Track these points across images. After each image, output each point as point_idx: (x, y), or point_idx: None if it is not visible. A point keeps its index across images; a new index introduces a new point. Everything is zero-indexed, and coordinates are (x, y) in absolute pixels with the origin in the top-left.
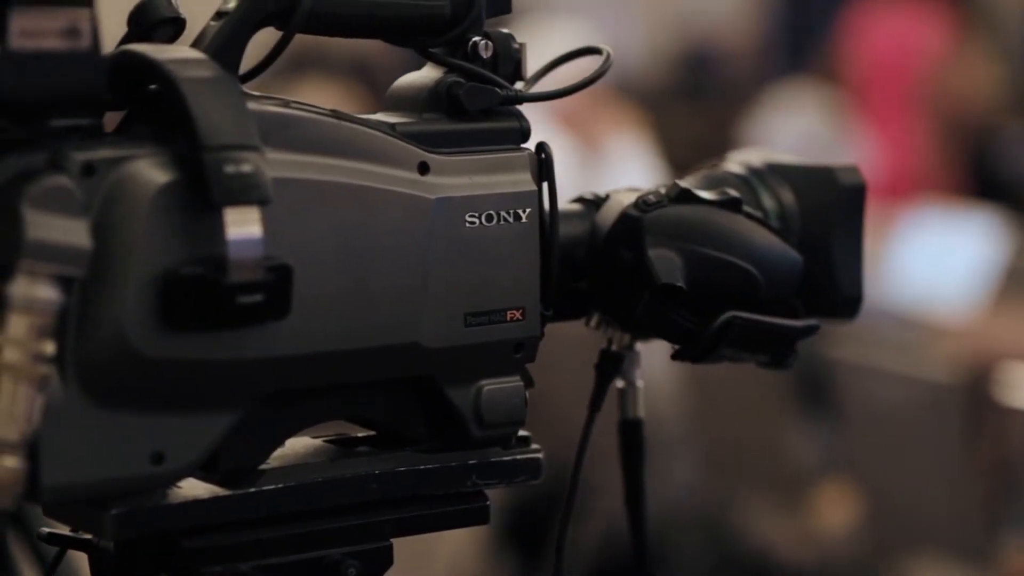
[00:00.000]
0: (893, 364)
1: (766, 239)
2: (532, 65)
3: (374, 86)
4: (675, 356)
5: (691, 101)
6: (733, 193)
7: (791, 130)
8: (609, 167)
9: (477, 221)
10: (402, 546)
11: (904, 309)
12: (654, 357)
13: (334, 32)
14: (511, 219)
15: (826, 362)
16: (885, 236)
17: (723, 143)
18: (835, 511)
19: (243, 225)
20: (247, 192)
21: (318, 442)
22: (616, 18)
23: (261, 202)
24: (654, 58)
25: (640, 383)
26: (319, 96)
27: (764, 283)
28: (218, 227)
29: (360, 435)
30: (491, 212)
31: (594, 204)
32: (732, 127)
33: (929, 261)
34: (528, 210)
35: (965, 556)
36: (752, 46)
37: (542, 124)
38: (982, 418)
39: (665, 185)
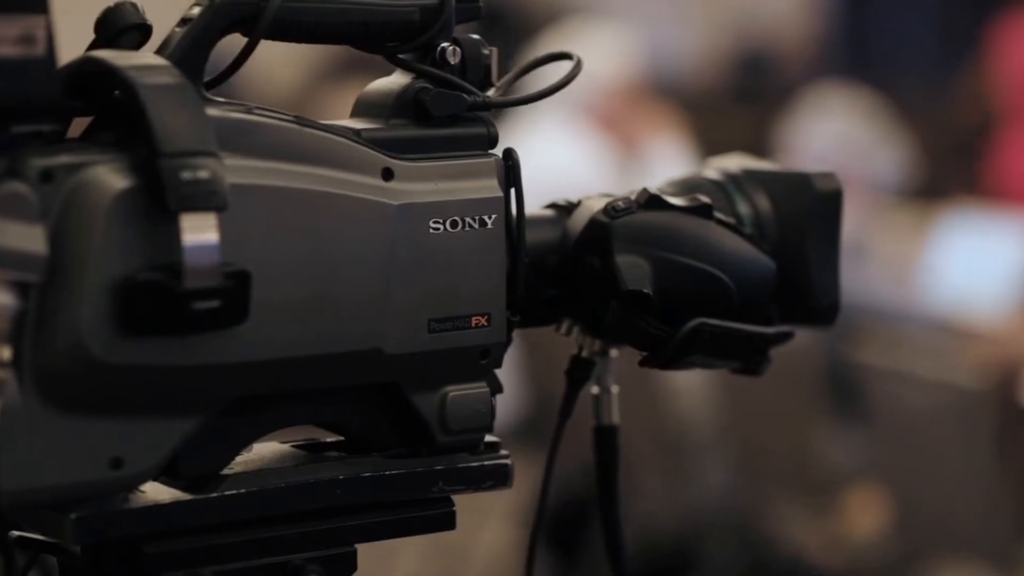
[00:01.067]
0: (924, 369)
1: (738, 245)
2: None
3: None
4: (643, 363)
5: (744, 103)
6: (704, 199)
7: (828, 133)
8: (647, 169)
9: (441, 227)
10: (441, 547)
11: (939, 314)
12: None
13: (301, 39)
14: (476, 225)
15: (857, 367)
16: (922, 240)
17: (773, 146)
18: (865, 516)
19: (199, 231)
20: (203, 198)
21: (286, 447)
22: (672, 19)
23: (218, 208)
24: (709, 59)
25: (615, 389)
26: None
27: (735, 289)
28: (175, 233)
29: (330, 440)
30: (456, 218)
31: (566, 210)
32: (777, 130)
33: (967, 265)
34: (494, 216)
35: (993, 561)
36: (809, 48)
37: (580, 126)
38: (1012, 424)
39: (635, 191)
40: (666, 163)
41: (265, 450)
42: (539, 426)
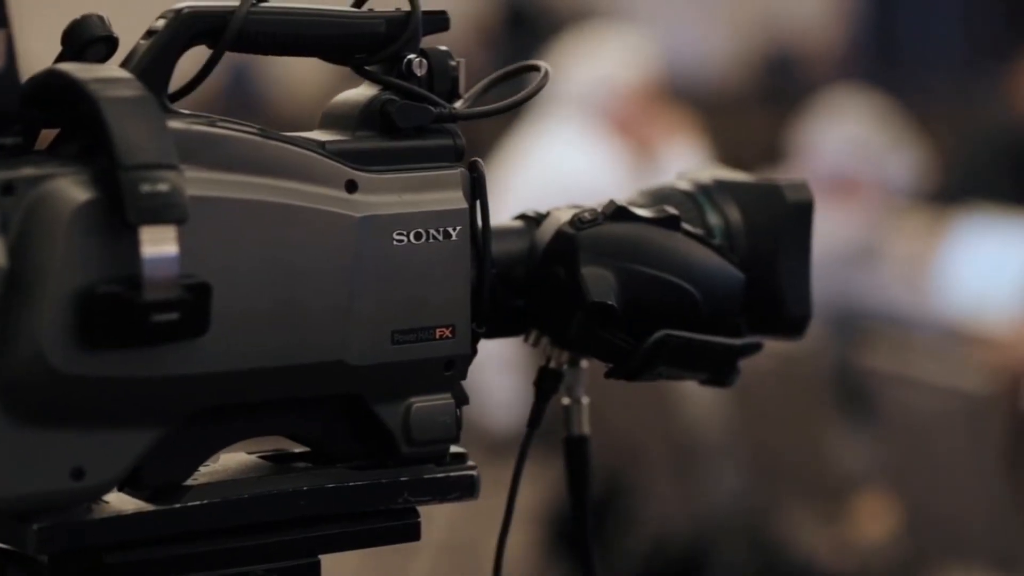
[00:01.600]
0: (932, 374)
1: (705, 257)
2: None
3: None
4: (608, 374)
5: (768, 105)
6: (671, 210)
7: (841, 136)
8: (662, 173)
9: (405, 239)
10: (456, 550)
11: (950, 318)
12: None
13: (267, 51)
14: (441, 237)
15: (867, 372)
16: (936, 244)
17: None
18: (875, 521)
19: (158, 244)
20: (163, 211)
21: (252, 458)
22: (698, 20)
23: (178, 221)
24: (734, 61)
25: (585, 400)
26: None
27: (702, 301)
28: (134, 246)
29: (297, 451)
30: (420, 230)
31: (535, 221)
32: (794, 132)
33: (981, 270)
34: (458, 228)
35: (1003, 567)
36: (835, 50)
37: (595, 129)
38: (1020, 429)
39: (602, 203)
40: (681, 167)
41: (231, 461)
42: (554, 429)
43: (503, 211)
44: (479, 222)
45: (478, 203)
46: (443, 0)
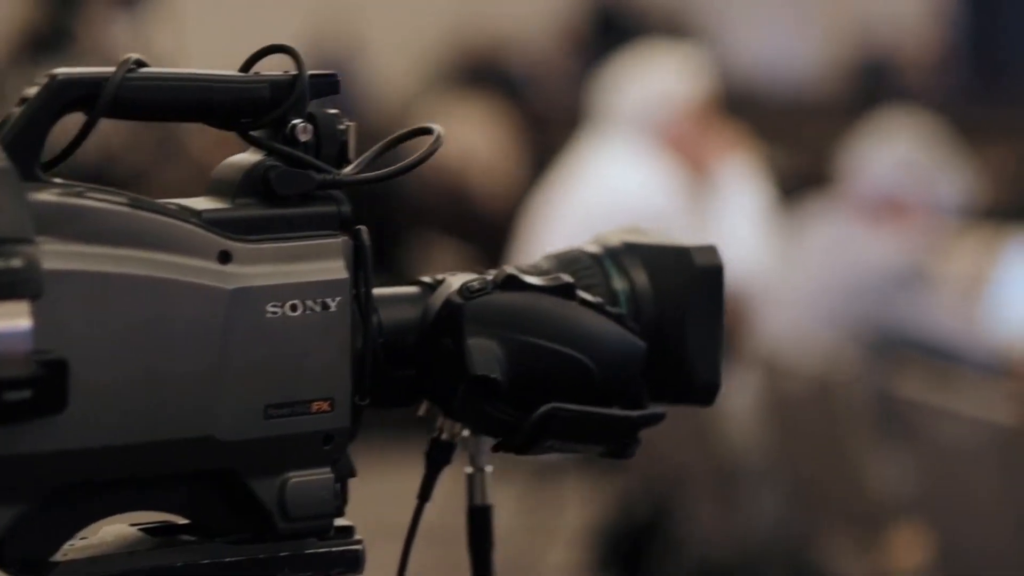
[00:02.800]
0: (969, 406)
1: (601, 325)
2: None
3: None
4: (495, 448)
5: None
6: (565, 278)
7: (889, 157)
8: (717, 192)
9: (280, 311)
10: (509, 571)
11: (996, 347)
12: (738, 391)
13: (146, 117)
14: (318, 308)
15: (905, 401)
16: (989, 268)
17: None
18: (910, 550)
19: (10, 319)
20: (15, 286)
21: (132, 530)
22: (792, 26)
23: (32, 296)
24: (828, 68)
25: (489, 468)
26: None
27: (596, 372)
28: None
29: (181, 523)
30: (295, 301)
31: (430, 287)
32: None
33: None
34: (338, 299)
35: None
36: (933, 57)
37: (650, 148)
38: None
39: (493, 271)
40: (736, 186)
41: (109, 534)
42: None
43: (555, 232)
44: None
45: (361, 272)
46: (532, 5)
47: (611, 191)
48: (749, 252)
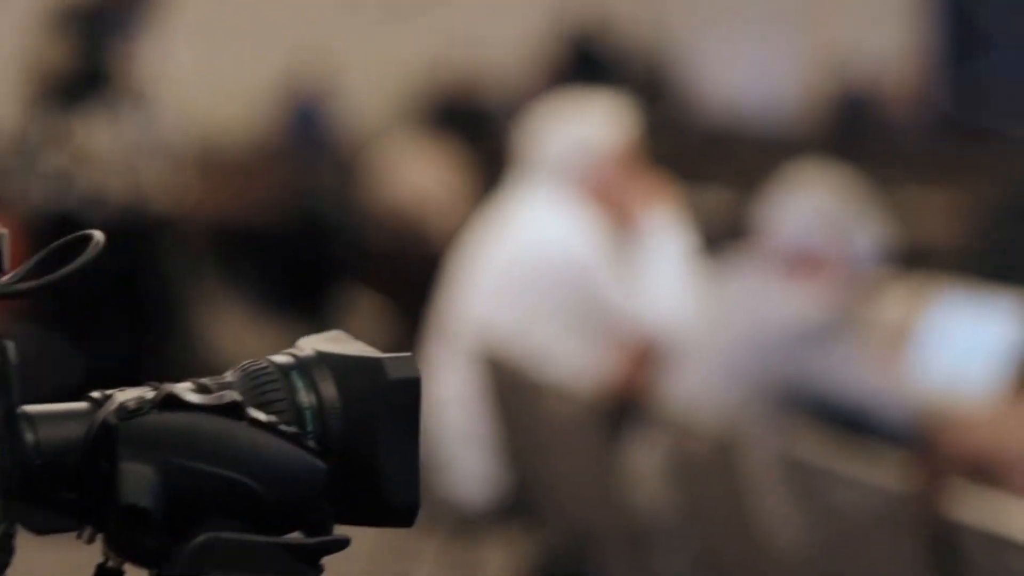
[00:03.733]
0: (866, 472)
1: (272, 447)
2: None
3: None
4: None
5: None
6: (233, 397)
7: (802, 210)
8: (640, 242)
9: None
10: None
11: (907, 409)
12: (646, 451)
13: None
14: None
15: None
16: (911, 321)
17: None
18: None
19: None
20: None
21: None
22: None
23: None
24: (806, 103)
25: None
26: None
27: (266, 496)
28: None
29: None
30: None
31: (98, 404)
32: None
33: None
34: None
35: None
36: (914, 90)
37: (573, 197)
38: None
39: (155, 388)
40: (660, 236)
41: None
42: (517, 506)
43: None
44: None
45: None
46: (509, 38)
47: (532, 241)
48: (670, 304)
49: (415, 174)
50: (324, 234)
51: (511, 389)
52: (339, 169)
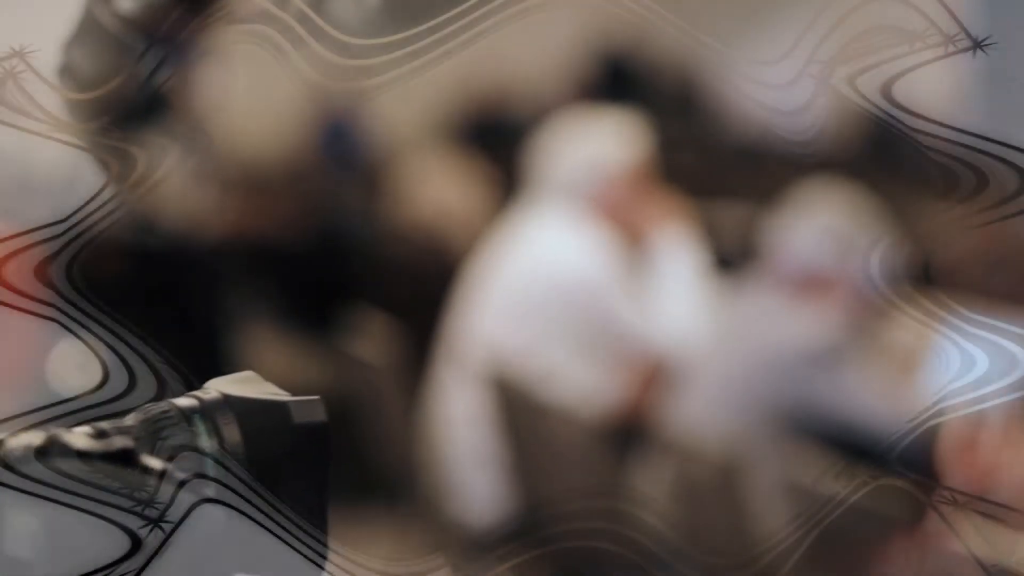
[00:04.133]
0: (862, 495)
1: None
2: None
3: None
4: None
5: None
6: (125, 443)
7: (810, 231)
8: (651, 262)
9: None
10: None
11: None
12: (651, 474)
13: None
14: None
15: (806, 490)
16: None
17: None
18: None
19: None
20: None
21: None
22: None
23: None
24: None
25: None
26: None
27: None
28: None
29: None
30: None
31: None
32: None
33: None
34: None
35: None
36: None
37: (581, 215)
38: None
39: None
40: (671, 255)
41: None
42: (525, 527)
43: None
44: None
45: None
46: (541, 55)
47: (542, 261)
48: (679, 326)
49: (439, 191)
50: (345, 252)
51: (520, 410)
52: (367, 186)
